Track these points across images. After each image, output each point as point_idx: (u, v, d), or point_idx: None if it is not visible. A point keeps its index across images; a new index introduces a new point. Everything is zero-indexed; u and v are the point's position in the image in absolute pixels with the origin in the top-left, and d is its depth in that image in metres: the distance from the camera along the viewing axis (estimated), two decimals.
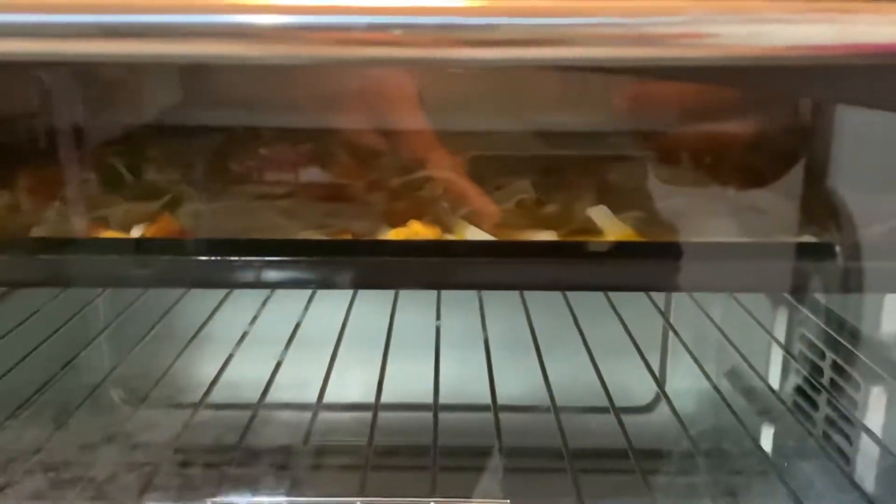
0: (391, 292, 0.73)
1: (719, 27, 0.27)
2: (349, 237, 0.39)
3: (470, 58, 0.28)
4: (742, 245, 0.39)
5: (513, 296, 0.75)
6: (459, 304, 0.73)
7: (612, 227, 0.40)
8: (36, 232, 0.40)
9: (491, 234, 0.40)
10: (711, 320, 0.71)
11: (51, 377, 0.63)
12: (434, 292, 0.73)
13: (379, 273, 0.35)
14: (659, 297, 0.79)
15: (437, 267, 0.35)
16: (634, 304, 0.74)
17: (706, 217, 0.45)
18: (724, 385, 0.74)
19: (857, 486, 0.50)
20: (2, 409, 0.58)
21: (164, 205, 0.42)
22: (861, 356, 0.54)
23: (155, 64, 0.45)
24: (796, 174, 0.48)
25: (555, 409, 0.57)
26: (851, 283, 0.39)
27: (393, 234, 0.39)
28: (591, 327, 0.69)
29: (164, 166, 0.50)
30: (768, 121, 0.51)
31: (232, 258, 0.33)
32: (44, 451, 0.57)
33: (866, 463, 0.54)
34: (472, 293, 0.73)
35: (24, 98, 0.49)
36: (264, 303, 0.72)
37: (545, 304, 0.73)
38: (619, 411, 0.58)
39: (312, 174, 0.49)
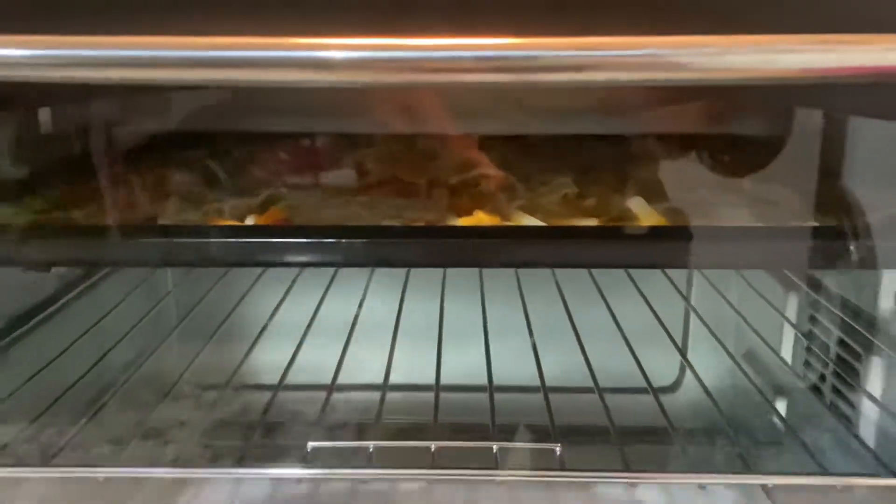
0: (438, 287, 0.80)
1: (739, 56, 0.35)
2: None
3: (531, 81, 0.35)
4: (755, 228, 0.47)
5: (546, 284, 0.81)
6: (496, 294, 0.80)
7: (647, 215, 0.48)
8: (163, 222, 0.48)
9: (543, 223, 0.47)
10: (729, 304, 0.78)
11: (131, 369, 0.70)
12: (477, 286, 0.80)
13: (464, 253, 0.43)
14: (679, 286, 0.86)
15: (509, 247, 0.43)
16: (653, 297, 0.80)
17: (725, 207, 0.52)
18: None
19: (863, 444, 0.57)
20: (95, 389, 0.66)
21: (265, 199, 0.51)
22: (862, 331, 0.61)
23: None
24: (799, 171, 0.56)
25: (598, 389, 0.64)
26: (847, 261, 0.46)
27: (462, 223, 0.46)
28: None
29: (252, 166, 0.59)
30: (777, 126, 0.59)
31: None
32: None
33: (868, 425, 0.61)
34: (512, 285, 0.80)
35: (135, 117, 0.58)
36: (321, 300, 0.79)
37: (573, 291, 0.80)
38: (655, 391, 0.66)
39: (382, 174, 0.57)
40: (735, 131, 0.61)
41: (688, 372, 0.89)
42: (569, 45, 0.32)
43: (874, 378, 0.60)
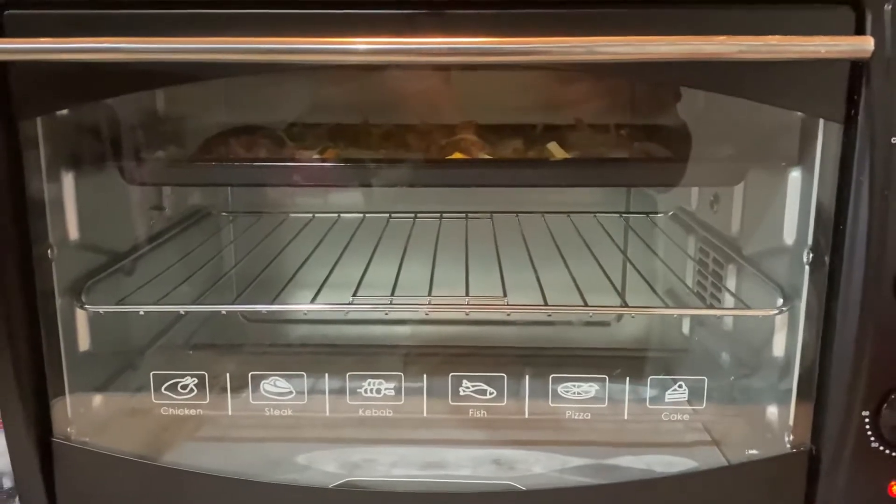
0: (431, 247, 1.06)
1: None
2: None
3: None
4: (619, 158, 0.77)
5: (517, 248, 1.08)
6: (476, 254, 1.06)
7: (559, 154, 0.77)
8: None
9: None
10: (654, 252, 1.05)
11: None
12: (493, 251, 1.01)
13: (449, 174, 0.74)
14: (618, 241, 1.12)
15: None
16: (599, 255, 1.03)
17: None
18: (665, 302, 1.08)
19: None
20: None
21: (322, 148, 0.80)
22: (724, 248, 0.89)
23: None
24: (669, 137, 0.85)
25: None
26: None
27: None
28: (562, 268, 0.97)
29: (305, 138, 0.88)
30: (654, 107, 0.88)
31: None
32: None
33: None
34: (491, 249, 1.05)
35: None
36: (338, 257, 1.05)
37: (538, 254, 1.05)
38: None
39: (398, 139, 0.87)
40: (631, 120, 0.91)
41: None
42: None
43: (730, 279, 0.88)
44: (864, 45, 0.60)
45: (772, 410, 0.76)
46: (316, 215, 1.10)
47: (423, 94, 0.87)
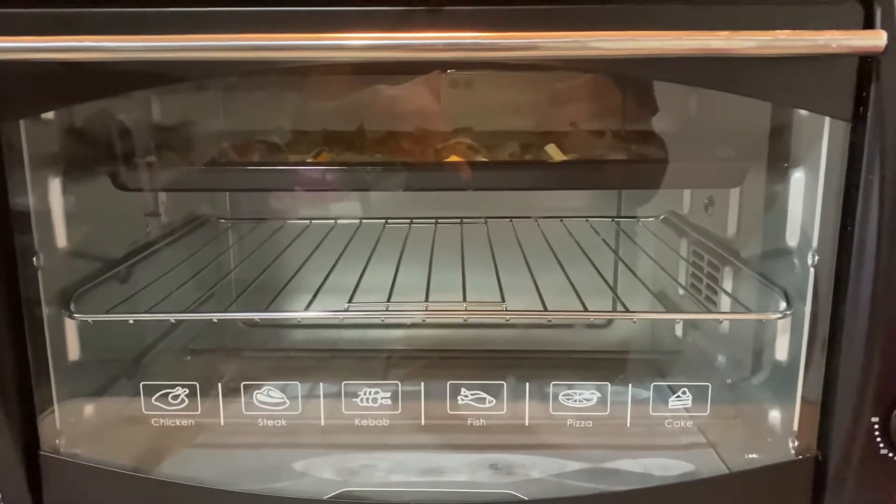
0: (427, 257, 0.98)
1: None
2: None
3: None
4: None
5: (514, 254, 1.00)
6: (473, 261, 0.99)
7: (558, 156, 0.69)
8: None
9: None
10: (647, 253, 0.98)
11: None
12: (489, 255, 0.93)
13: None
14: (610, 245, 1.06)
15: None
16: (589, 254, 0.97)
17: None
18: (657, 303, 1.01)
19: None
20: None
21: (317, 152, 0.73)
22: (719, 251, 0.82)
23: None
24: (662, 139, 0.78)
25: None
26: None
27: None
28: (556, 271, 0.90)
29: (300, 144, 0.81)
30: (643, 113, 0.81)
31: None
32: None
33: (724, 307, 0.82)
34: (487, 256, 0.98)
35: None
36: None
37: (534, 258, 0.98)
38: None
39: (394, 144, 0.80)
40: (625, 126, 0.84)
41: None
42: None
43: (726, 280, 0.81)
44: (877, 39, 0.53)
45: (774, 415, 0.69)
46: (313, 222, 1.02)
47: (419, 105, 0.80)
